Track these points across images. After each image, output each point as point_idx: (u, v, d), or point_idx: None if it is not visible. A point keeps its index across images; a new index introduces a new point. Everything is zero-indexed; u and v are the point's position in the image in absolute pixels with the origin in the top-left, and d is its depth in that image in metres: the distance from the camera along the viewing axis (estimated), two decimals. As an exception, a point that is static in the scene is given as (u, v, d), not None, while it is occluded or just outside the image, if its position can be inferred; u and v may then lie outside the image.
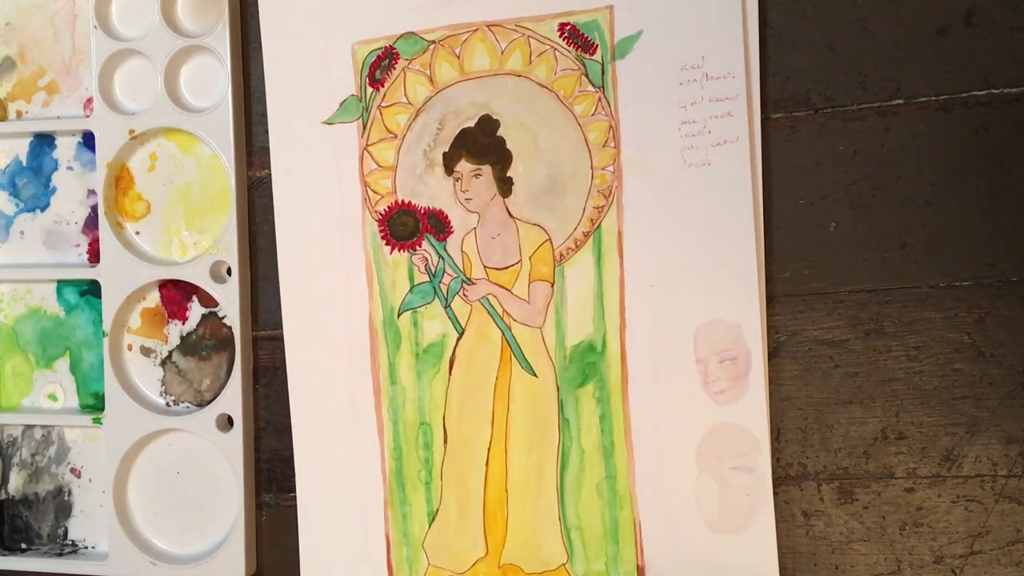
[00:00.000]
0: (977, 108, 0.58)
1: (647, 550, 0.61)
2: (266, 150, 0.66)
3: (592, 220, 0.61)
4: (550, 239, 0.61)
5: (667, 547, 0.61)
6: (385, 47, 0.63)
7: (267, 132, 0.65)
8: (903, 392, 0.59)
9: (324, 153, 0.64)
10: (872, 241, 0.59)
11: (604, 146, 0.60)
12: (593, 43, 0.60)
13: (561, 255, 0.61)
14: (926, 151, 0.58)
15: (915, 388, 0.59)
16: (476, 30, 0.62)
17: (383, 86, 0.63)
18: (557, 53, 0.61)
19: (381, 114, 0.63)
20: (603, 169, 0.60)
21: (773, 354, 0.60)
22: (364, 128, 0.63)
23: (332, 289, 0.64)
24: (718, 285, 0.59)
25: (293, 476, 0.66)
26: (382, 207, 0.63)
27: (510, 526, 0.63)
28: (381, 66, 0.63)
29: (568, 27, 0.60)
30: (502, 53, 0.61)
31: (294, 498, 0.66)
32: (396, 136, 0.63)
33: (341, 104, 0.64)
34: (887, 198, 0.59)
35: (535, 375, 0.62)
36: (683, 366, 0.60)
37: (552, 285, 0.62)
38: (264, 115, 0.65)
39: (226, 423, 0.67)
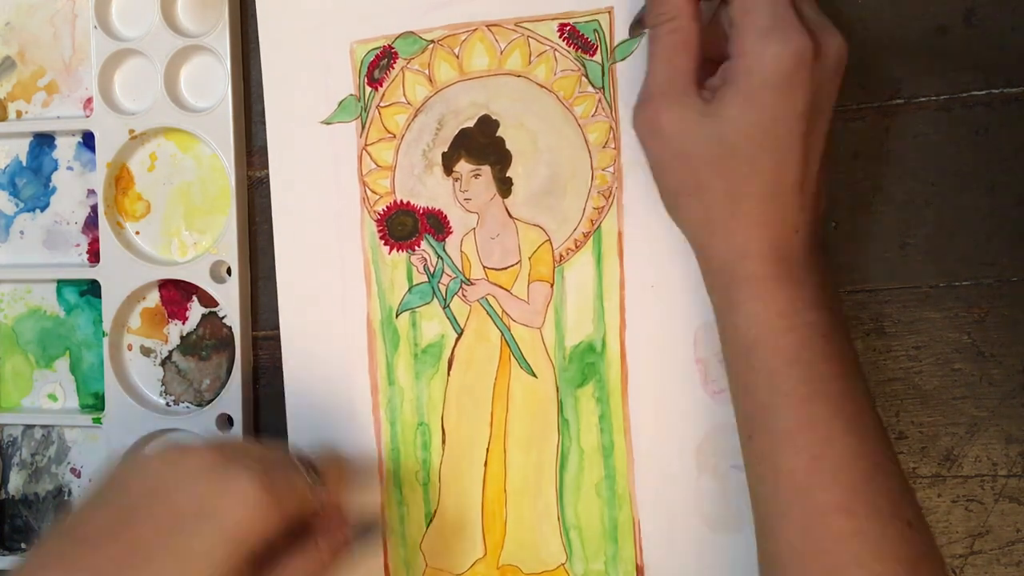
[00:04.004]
0: (977, 108, 0.58)
1: (646, 550, 0.61)
2: (266, 150, 0.65)
3: (592, 221, 0.61)
4: (550, 240, 0.61)
5: (666, 547, 0.61)
6: (384, 46, 0.63)
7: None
8: (903, 392, 0.59)
9: (322, 153, 0.64)
10: (872, 241, 0.59)
11: (604, 147, 0.60)
12: (593, 44, 0.60)
13: (561, 256, 0.61)
14: (926, 151, 0.58)
15: (915, 388, 0.59)
16: (475, 30, 0.61)
17: (382, 86, 0.63)
18: (557, 54, 0.60)
19: (380, 114, 0.63)
20: (603, 170, 0.60)
21: (773, 354, 0.60)
22: (363, 128, 0.63)
23: (330, 289, 0.64)
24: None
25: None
26: (381, 207, 0.63)
27: (509, 526, 0.63)
28: (380, 65, 0.63)
29: (568, 28, 0.60)
30: (501, 53, 0.61)
31: (294, 498, 0.66)
32: (395, 136, 0.63)
33: (339, 104, 0.63)
34: (887, 198, 0.59)
35: (534, 375, 0.62)
36: (683, 366, 0.60)
37: (551, 285, 0.61)
38: (264, 115, 0.65)
39: (226, 423, 0.67)
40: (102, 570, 0.46)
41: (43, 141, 0.70)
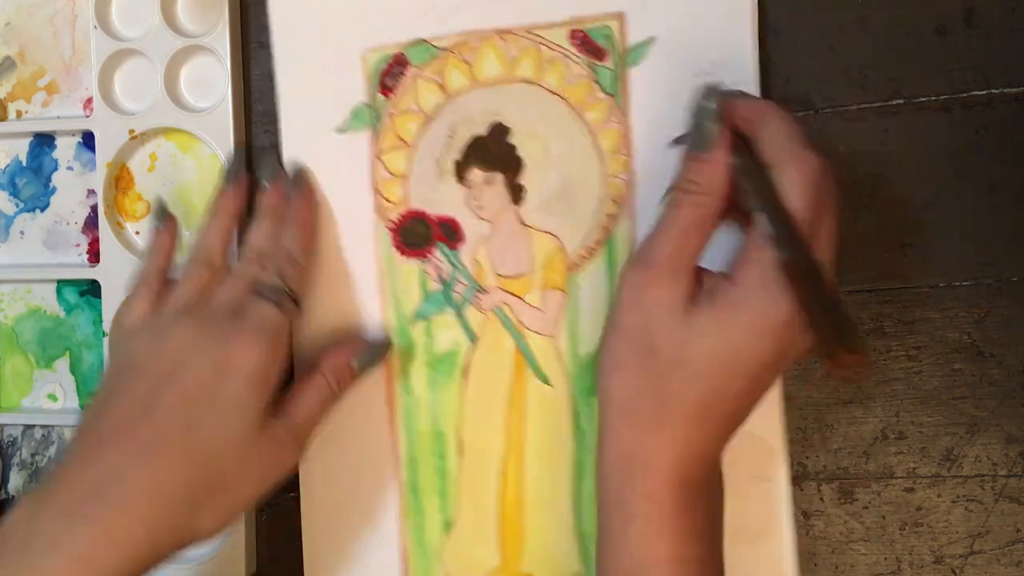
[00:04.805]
0: (977, 108, 0.58)
1: (660, 558, 0.61)
2: (266, 150, 0.65)
3: (605, 228, 0.60)
4: (563, 247, 0.61)
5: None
6: (396, 54, 0.62)
7: (267, 132, 0.66)
8: (903, 392, 0.60)
9: (336, 161, 0.63)
10: (872, 241, 0.60)
11: (616, 153, 0.60)
12: (604, 50, 0.60)
13: (574, 263, 0.61)
14: (926, 151, 0.59)
15: (915, 388, 0.60)
16: (487, 37, 0.61)
17: (394, 94, 0.62)
18: (568, 60, 0.60)
19: (392, 122, 0.63)
20: (615, 176, 0.60)
21: (774, 354, 0.61)
22: (376, 136, 0.63)
23: (345, 298, 0.64)
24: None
25: (293, 476, 0.65)
26: (394, 215, 0.63)
27: (526, 537, 0.62)
28: (392, 74, 0.62)
29: (579, 34, 0.60)
30: (513, 60, 0.61)
31: (294, 498, 0.66)
32: (408, 144, 0.63)
33: (352, 112, 0.63)
34: (887, 198, 0.59)
35: (549, 384, 0.62)
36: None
37: (565, 293, 0.61)
38: (264, 115, 0.65)
39: (227, 423, 0.67)
40: (160, 439, 0.53)
41: (43, 141, 0.70)
